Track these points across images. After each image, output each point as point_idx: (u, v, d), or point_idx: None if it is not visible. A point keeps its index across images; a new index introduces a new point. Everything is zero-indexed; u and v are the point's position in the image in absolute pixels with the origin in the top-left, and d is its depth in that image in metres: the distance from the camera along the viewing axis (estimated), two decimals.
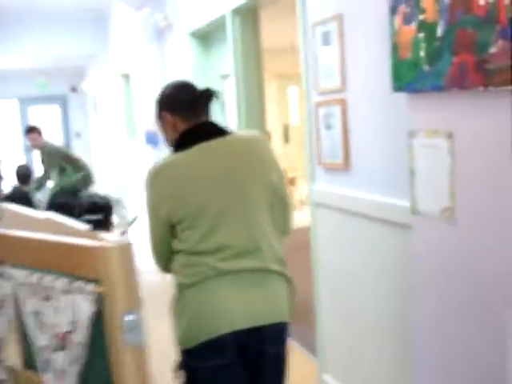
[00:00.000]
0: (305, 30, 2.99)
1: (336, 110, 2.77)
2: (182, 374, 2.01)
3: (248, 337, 1.92)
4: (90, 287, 1.59)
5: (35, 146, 6.79)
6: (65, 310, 1.63)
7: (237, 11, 3.87)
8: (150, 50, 6.27)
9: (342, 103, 2.71)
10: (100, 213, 3.28)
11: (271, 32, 5.62)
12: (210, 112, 2.09)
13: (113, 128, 9.49)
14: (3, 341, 1.87)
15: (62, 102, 13.66)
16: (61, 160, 6.26)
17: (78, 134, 13.51)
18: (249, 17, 3.94)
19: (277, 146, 10.74)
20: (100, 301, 1.60)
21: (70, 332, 1.62)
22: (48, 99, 13.36)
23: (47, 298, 1.68)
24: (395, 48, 1.89)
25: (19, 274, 1.77)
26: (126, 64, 7.41)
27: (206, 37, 4.84)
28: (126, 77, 8.06)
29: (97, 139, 11.78)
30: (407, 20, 1.81)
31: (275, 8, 4.31)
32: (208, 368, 1.93)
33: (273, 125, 10.31)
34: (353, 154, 2.69)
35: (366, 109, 2.56)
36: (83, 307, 1.58)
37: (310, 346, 3.65)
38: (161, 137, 2.24)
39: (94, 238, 1.67)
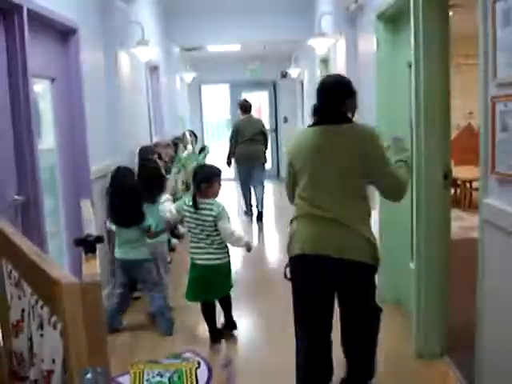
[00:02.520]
0: (485, 7, 2.45)
1: None
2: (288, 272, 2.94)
3: (315, 261, 2.74)
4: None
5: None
6: (48, 344, 1.29)
7: None
8: (344, 35, 5.94)
9: None
10: None
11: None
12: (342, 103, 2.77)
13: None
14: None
15: (272, 87, 13.91)
16: None
17: (286, 119, 13.68)
18: None
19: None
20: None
21: (52, 372, 1.28)
22: (259, 85, 13.71)
23: (40, 326, 1.35)
24: None
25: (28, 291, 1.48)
26: (325, 49, 7.16)
27: (394, 20, 4.37)
28: (325, 62, 7.83)
29: (302, 124, 11.76)
30: None
31: None
32: (293, 275, 2.89)
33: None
34: None
35: None
36: (59, 347, 1.23)
37: (467, 372, 3.11)
38: None
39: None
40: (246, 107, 8.75)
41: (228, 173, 8.62)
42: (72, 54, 4.38)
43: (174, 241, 7.22)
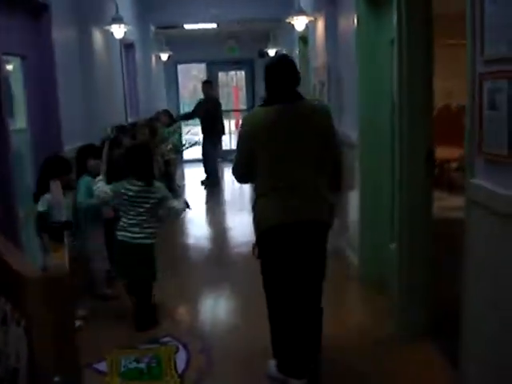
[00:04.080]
0: None
1: (504, 85, 2.15)
2: (256, 250, 3.07)
3: (292, 228, 2.90)
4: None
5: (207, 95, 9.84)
6: (12, 341, 1.14)
7: None
8: (324, 12, 5.82)
9: None
10: None
11: None
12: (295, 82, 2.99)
13: None
14: None
15: (249, 67, 13.75)
16: None
17: (262, 99, 13.53)
18: None
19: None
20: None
21: (17, 370, 1.13)
22: (236, 64, 13.54)
23: (3, 321, 1.19)
24: None
25: None
26: (303, 27, 7.04)
27: None
28: (304, 40, 7.71)
29: None
30: None
31: None
32: (267, 246, 3.01)
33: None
34: None
35: None
36: (23, 345, 1.07)
37: (451, 356, 3.08)
38: None
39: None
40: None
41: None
42: (44, 31, 4.23)
43: None
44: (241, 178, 3.22)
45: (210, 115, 9.62)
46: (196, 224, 7.67)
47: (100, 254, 4.50)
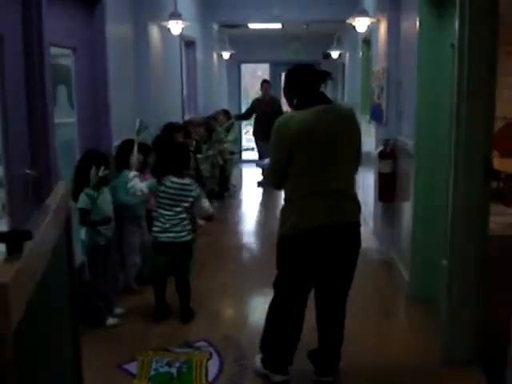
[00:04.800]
0: None
1: None
2: (282, 257, 3.07)
3: (331, 231, 2.94)
4: None
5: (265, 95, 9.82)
6: None
7: None
8: (387, 14, 5.60)
9: None
10: None
11: None
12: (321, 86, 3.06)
13: (351, 98, 9.02)
14: None
15: None
16: None
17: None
18: None
19: None
20: None
21: None
22: None
23: None
24: None
25: None
26: (366, 29, 6.82)
27: None
28: (367, 43, 7.48)
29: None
30: None
31: None
32: (300, 251, 2.99)
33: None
34: None
35: None
36: None
37: None
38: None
39: None
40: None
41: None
42: (97, 24, 4.20)
43: (201, 222, 7.04)
44: (278, 183, 3.15)
45: (266, 115, 9.45)
46: (249, 224, 7.58)
47: (134, 249, 4.55)
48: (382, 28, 5.70)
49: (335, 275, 3.09)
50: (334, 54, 11.42)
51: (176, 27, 5.97)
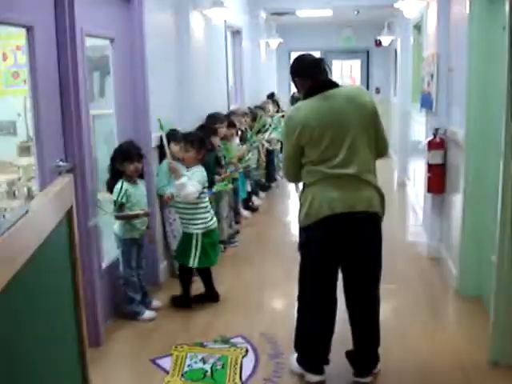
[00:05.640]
0: None
1: None
2: (302, 247, 3.01)
3: (346, 219, 2.82)
4: None
5: None
6: None
7: None
8: None
9: None
10: None
11: None
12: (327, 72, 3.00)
13: (403, 85, 8.75)
14: None
15: (365, 56, 13.27)
16: None
17: (378, 90, 13.03)
18: None
19: None
20: None
21: None
22: (351, 53, 13.13)
23: None
24: None
25: None
26: (416, 14, 6.55)
27: None
28: (418, 29, 7.20)
29: (395, 95, 11.11)
30: None
31: None
32: (317, 239, 2.91)
33: None
34: None
35: None
36: None
37: None
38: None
39: None
40: None
41: None
42: (135, 14, 4.13)
43: (246, 213, 6.97)
44: (294, 176, 3.08)
45: None
46: (296, 215, 7.45)
47: (176, 239, 4.53)
48: (432, 12, 5.44)
49: (354, 266, 2.98)
50: (386, 41, 11.11)
51: (219, 16, 5.87)
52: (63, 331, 1.40)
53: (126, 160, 3.72)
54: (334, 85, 2.95)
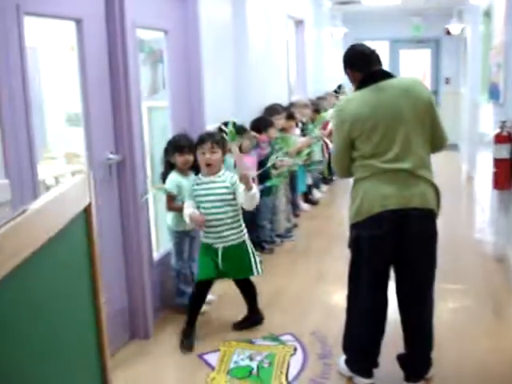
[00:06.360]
0: None
1: None
2: (352, 243, 2.91)
3: (399, 215, 2.69)
4: None
5: None
6: None
7: None
8: None
9: None
10: None
11: None
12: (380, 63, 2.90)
13: (473, 75, 8.39)
14: None
15: (435, 45, 12.83)
16: None
17: (447, 80, 12.59)
18: None
19: None
20: None
21: None
22: (420, 42, 12.72)
23: None
24: None
25: None
26: (488, 2, 6.23)
27: None
28: (488, 16, 6.86)
29: (464, 86, 10.69)
30: None
31: None
32: (368, 236, 2.78)
33: None
34: None
35: None
36: None
37: None
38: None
39: None
40: None
41: None
42: (189, 5, 4.10)
43: (305, 206, 6.86)
44: (343, 170, 2.94)
45: None
46: None
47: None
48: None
49: (407, 266, 2.84)
50: (456, 30, 10.70)
51: (278, 5, 5.76)
52: (78, 343, 1.36)
53: (177, 152, 3.70)
54: (388, 76, 2.82)
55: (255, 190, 3.34)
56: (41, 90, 7.29)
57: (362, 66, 2.84)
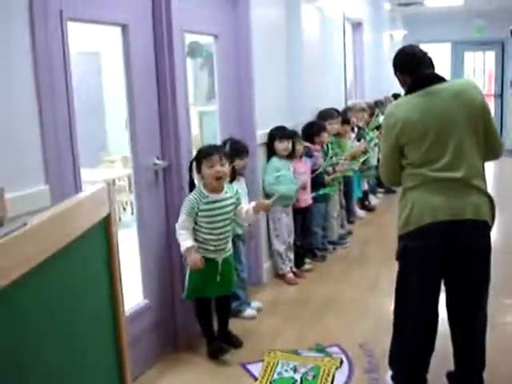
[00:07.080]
0: None
1: None
2: (400, 255, 2.76)
3: (450, 227, 2.55)
4: None
5: None
6: None
7: None
8: None
9: None
10: None
11: None
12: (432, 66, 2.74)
13: None
14: None
15: (499, 47, 12.40)
16: None
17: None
18: None
19: None
20: None
21: None
22: (484, 44, 12.32)
23: None
24: None
25: None
26: None
27: None
28: None
29: None
30: None
31: None
32: (416, 247, 2.65)
33: None
34: None
35: None
36: None
37: None
38: None
39: None
40: None
41: None
42: (240, 9, 4.05)
43: (361, 213, 6.72)
44: (391, 178, 2.84)
45: None
46: None
47: (282, 235, 4.55)
48: None
49: (459, 279, 2.68)
50: None
51: (335, 8, 5.65)
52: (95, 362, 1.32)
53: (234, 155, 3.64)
54: (440, 79, 2.69)
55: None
56: (102, 94, 7.44)
57: (412, 69, 2.72)
